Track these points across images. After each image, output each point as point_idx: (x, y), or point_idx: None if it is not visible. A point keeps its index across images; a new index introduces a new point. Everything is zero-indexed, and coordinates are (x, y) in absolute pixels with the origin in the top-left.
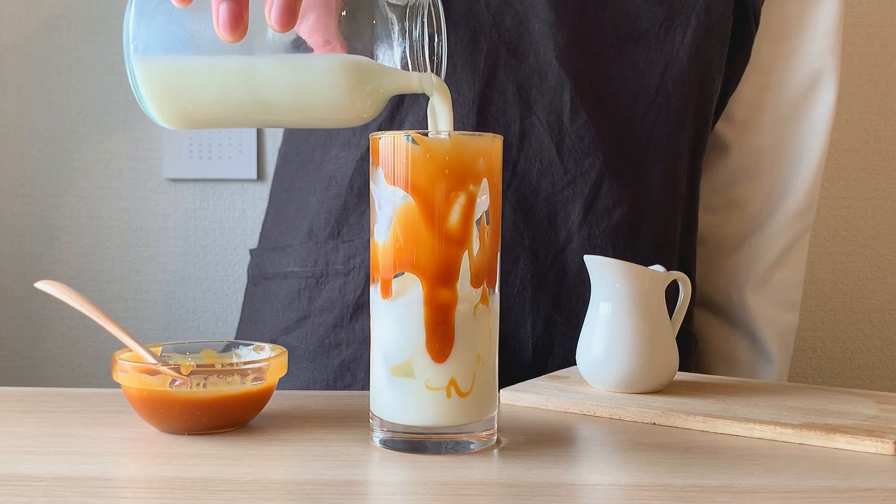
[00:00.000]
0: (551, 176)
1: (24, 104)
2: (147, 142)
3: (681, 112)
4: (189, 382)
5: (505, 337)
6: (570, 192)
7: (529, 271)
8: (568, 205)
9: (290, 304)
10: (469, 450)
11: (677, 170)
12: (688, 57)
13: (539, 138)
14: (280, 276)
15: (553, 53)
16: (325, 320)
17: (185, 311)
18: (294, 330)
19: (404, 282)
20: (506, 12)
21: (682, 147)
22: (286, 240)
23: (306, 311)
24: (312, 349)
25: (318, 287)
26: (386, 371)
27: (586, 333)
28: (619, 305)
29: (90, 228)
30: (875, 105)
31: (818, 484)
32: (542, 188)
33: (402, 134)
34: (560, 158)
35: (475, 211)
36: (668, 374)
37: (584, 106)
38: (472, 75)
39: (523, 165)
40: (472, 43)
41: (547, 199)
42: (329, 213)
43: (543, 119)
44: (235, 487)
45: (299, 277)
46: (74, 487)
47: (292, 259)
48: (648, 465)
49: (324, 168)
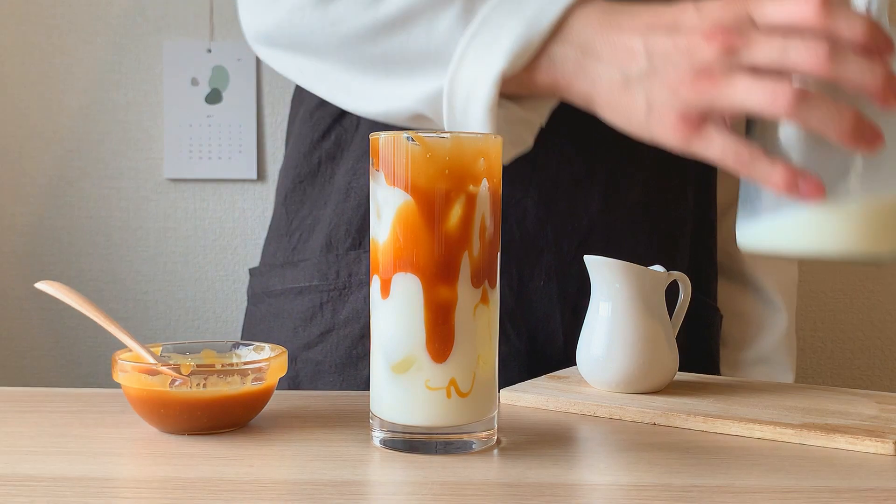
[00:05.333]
0: (570, 167)
1: (24, 104)
2: (147, 142)
3: None
4: (189, 382)
5: (535, 329)
6: (590, 181)
7: (554, 263)
8: (588, 194)
9: (311, 319)
10: (469, 450)
11: None
12: None
13: (556, 131)
14: (293, 291)
15: None
16: (352, 331)
17: (185, 311)
18: (317, 345)
19: (404, 282)
20: None
21: None
22: (297, 255)
23: (330, 324)
24: (339, 362)
25: (342, 299)
26: (386, 371)
27: (586, 333)
28: (618, 305)
29: (90, 228)
30: None
31: (818, 484)
32: (562, 179)
33: (403, 134)
34: (578, 149)
35: (475, 211)
36: (667, 375)
37: None
38: None
39: (543, 159)
40: None
41: (567, 189)
42: (349, 225)
43: (558, 111)
44: (235, 487)
45: (319, 291)
46: (74, 487)
47: (308, 273)
48: (648, 465)
49: (336, 181)
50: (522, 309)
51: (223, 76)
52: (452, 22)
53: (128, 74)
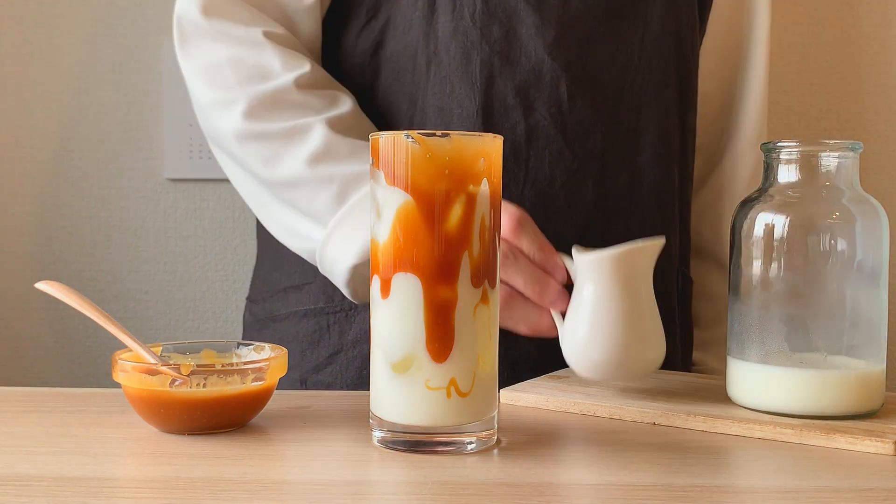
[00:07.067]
0: (563, 164)
1: (24, 104)
2: (147, 142)
3: (663, 71)
4: (189, 382)
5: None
6: (582, 174)
7: None
8: (582, 187)
9: (318, 342)
10: (469, 450)
11: (668, 127)
12: (660, 19)
13: (545, 132)
14: (298, 315)
15: (545, 51)
16: (361, 352)
17: (185, 311)
18: (326, 367)
19: (404, 281)
20: (492, 24)
21: (670, 104)
22: (298, 278)
23: (338, 345)
24: (350, 383)
25: (348, 320)
26: (386, 371)
27: (570, 320)
28: (601, 288)
29: (90, 228)
30: (875, 105)
31: (818, 484)
32: (556, 177)
33: (402, 134)
34: (567, 146)
35: (475, 211)
36: (652, 360)
37: (580, 91)
38: (471, 89)
39: (535, 161)
40: (465, 58)
41: (563, 186)
42: None
43: (546, 113)
44: (235, 487)
45: (325, 313)
46: (74, 487)
47: (313, 296)
48: (648, 465)
49: None
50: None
51: None
52: (329, 201)
53: (128, 74)
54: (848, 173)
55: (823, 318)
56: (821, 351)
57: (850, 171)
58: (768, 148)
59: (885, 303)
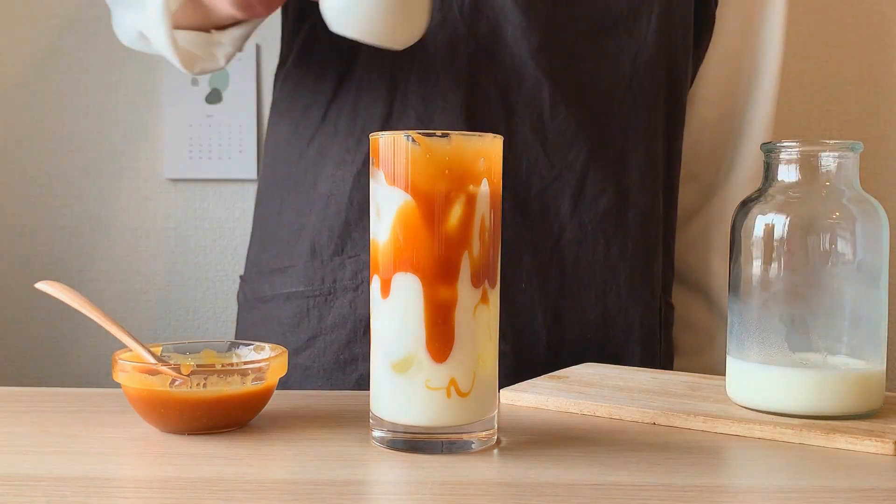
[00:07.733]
0: (539, 172)
1: (24, 104)
2: (147, 142)
3: (653, 95)
4: (189, 382)
5: (521, 332)
6: (559, 184)
7: (534, 265)
8: (558, 197)
9: (299, 325)
10: (469, 450)
11: (655, 150)
12: (654, 42)
13: (524, 138)
14: (282, 297)
15: (528, 55)
16: (338, 337)
17: (185, 311)
18: (305, 350)
19: (404, 281)
20: (479, 19)
21: (658, 128)
22: (284, 261)
23: (317, 329)
24: (327, 367)
25: (328, 304)
26: (386, 371)
27: None
28: None
29: (90, 228)
30: (875, 105)
31: (818, 484)
32: (532, 184)
33: (403, 134)
34: (546, 154)
35: (475, 211)
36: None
37: (564, 101)
38: (456, 82)
39: (513, 164)
40: (451, 50)
41: (538, 194)
42: (331, 231)
43: (526, 119)
44: (235, 487)
45: (306, 297)
46: (74, 487)
47: (295, 279)
48: (648, 465)
49: (319, 188)
50: (507, 312)
51: (223, 76)
52: None
53: (128, 74)
54: (848, 173)
55: (823, 318)
56: (821, 351)
57: (850, 171)
58: (768, 148)
59: (885, 303)
